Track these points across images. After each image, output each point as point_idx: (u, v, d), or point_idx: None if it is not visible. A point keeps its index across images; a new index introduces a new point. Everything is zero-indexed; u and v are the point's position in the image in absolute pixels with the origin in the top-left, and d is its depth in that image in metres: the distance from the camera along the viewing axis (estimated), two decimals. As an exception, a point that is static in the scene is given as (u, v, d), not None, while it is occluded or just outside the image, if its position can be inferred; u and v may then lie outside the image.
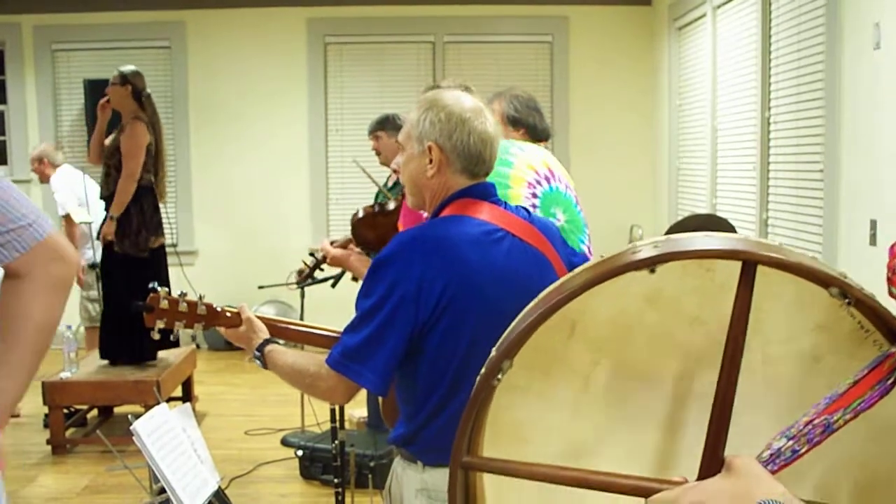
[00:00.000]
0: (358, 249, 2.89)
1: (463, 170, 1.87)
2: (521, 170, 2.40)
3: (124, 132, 5.04)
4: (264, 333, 2.02)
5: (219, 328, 2.09)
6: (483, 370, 0.94)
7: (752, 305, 0.86)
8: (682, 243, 0.90)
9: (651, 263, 0.88)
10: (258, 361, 1.98)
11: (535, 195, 2.40)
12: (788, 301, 0.90)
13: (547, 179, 2.46)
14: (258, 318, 2.07)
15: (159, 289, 2.07)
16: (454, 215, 1.85)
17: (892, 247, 0.90)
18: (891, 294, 0.89)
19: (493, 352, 0.95)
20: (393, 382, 1.83)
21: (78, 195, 5.75)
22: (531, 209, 2.34)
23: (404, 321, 1.74)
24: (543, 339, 0.93)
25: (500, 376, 0.93)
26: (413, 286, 1.73)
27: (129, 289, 5.02)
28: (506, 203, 1.94)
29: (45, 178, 5.99)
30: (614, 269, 0.89)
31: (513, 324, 0.96)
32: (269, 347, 1.97)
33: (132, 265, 5.08)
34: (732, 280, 0.87)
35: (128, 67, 5.18)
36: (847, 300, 0.86)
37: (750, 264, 0.86)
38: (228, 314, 2.08)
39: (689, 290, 0.91)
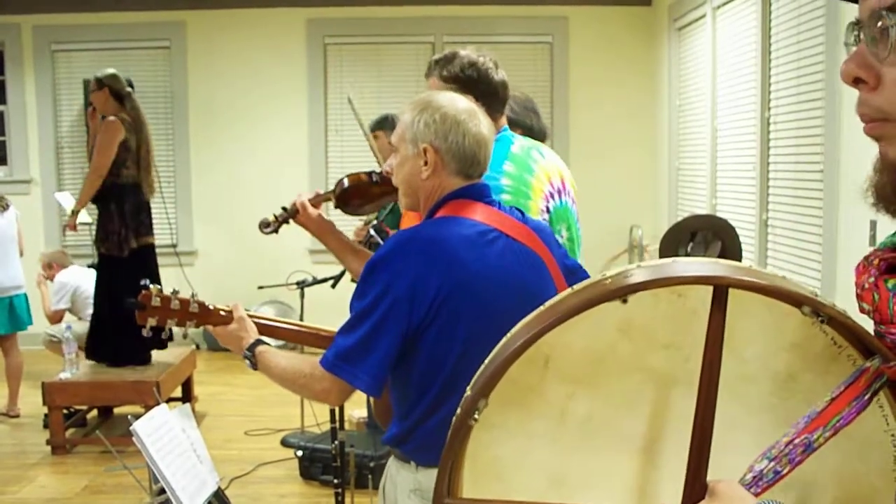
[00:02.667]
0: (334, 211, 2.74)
1: (458, 171, 1.87)
2: (540, 180, 2.35)
3: (99, 130, 5.03)
4: (255, 334, 2.02)
5: (209, 327, 2.08)
6: (459, 410, 0.95)
7: (725, 328, 0.88)
8: (655, 271, 0.91)
9: (623, 293, 0.89)
10: (248, 362, 1.98)
11: (548, 209, 2.35)
12: (761, 322, 0.91)
13: (559, 193, 2.40)
14: (251, 317, 2.06)
15: (151, 286, 2.06)
16: (448, 216, 1.85)
17: (858, 266, 0.91)
18: (861, 310, 0.90)
19: (468, 391, 0.95)
20: (387, 383, 1.83)
21: (77, 291, 5.80)
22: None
23: (398, 322, 1.73)
24: (518, 374, 0.94)
25: (476, 416, 0.93)
26: (407, 287, 1.73)
27: (110, 289, 5.00)
28: (500, 203, 1.93)
29: (52, 279, 6.01)
30: (587, 302, 0.90)
31: (485, 362, 0.97)
32: (260, 348, 1.97)
33: (114, 265, 5.05)
34: (703, 304, 0.88)
35: (105, 71, 5.18)
36: (820, 318, 0.87)
37: (721, 288, 0.87)
38: (221, 312, 2.07)
39: (661, 316, 0.92)
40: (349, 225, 4.06)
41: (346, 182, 2.66)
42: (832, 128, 3.86)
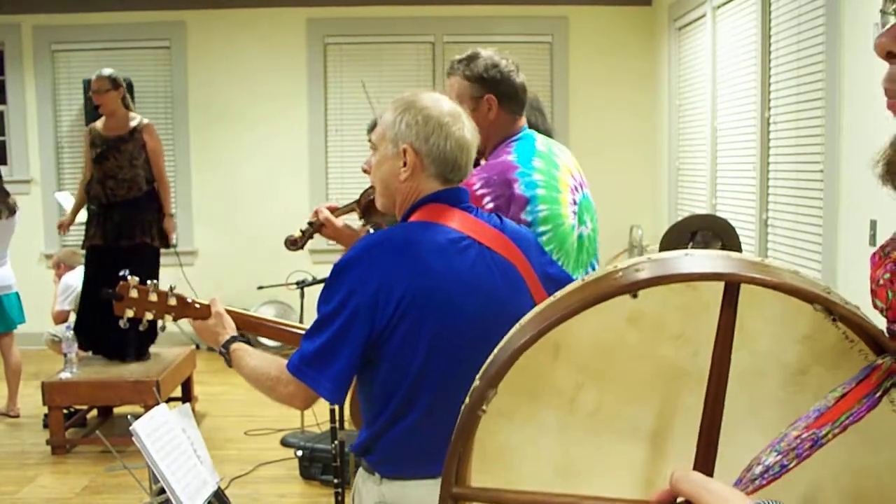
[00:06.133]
0: (360, 223, 2.78)
1: (437, 175, 1.81)
2: (564, 174, 2.38)
3: (145, 133, 5.22)
4: (232, 330, 2.01)
5: (188, 321, 2.07)
6: (468, 400, 0.94)
7: (736, 322, 0.87)
8: (666, 266, 0.90)
9: (635, 289, 0.88)
10: (223, 358, 1.97)
11: (575, 202, 2.37)
12: (773, 315, 0.90)
13: (581, 186, 2.45)
14: (229, 312, 2.05)
15: (129, 277, 2.06)
16: (421, 221, 1.80)
17: (873, 256, 0.89)
18: (875, 306, 0.89)
19: (477, 381, 0.94)
20: (351, 390, 1.80)
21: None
22: (571, 216, 2.32)
23: (361, 328, 1.70)
24: (527, 362, 0.93)
25: (485, 406, 0.92)
26: (371, 293, 1.69)
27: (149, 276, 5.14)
28: (477, 210, 1.88)
29: (59, 277, 6.07)
30: (596, 298, 0.89)
31: (495, 351, 0.96)
32: (234, 346, 1.95)
33: (159, 259, 5.29)
34: (716, 297, 0.87)
35: (111, 71, 5.27)
36: (832, 317, 0.86)
37: (732, 285, 0.86)
38: (198, 306, 2.06)
39: (673, 308, 0.91)
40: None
41: (371, 193, 2.68)
42: (832, 128, 3.86)
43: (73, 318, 5.84)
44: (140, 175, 5.19)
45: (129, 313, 2.05)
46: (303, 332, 2.02)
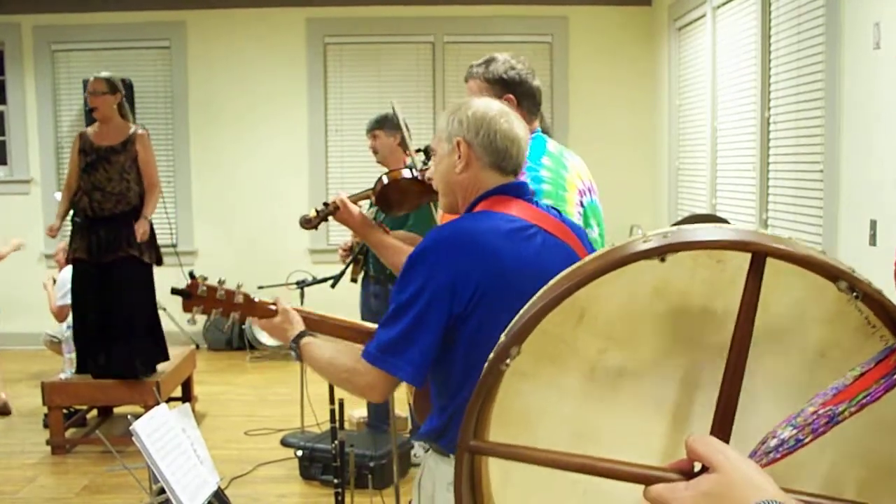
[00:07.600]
0: (372, 209, 2.74)
1: (491, 165, 1.91)
2: (573, 176, 2.46)
3: (138, 143, 4.97)
4: (300, 326, 2.05)
5: (253, 318, 2.10)
6: (491, 355, 0.95)
7: (760, 298, 0.86)
8: (693, 234, 0.90)
9: (661, 252, 0.88)
10: (293, 353, 2.01)
11: (581, 204, 2.46)
12: (796, 294, 0.90)
13: (590, 191, 2.54)
14: (295, 310, 2.09)
15: (197, 276, 2.08)
16: (486, 211, 1.89)
17: None
18: None
19: (502, 337, 0.95)
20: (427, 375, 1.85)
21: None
22: (577, 216, 2.38)
23: (439, 314, 1.76)
24: (552, 326, 0.94)
25: (508, 361, 0.93)
26: (447, 280, 1.76)
27: (151, 297, 5.05)
28: (537, 202, 1.97)
29: (62, 267, 5.93)
30: (625, 258, 0.89)
31: (522, 310, 0.97)
32: (305, 340, 2.00)
33: (152, 278, 5.07)
34: (741, 272, 0.88)
35: (108, 74, 5.09)
36: (855, 294, 0.86)
37: (759, 256, 0.86)
38: (266, 306, 2.10)
39: (699, 281, 0.92)
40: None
41: (385, 179, 2.69)
42: (832, 128, 3.86)
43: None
44: (131, 189, 4.93)
45: (197, 311, 2.07)
46: (367, 329, 2.06)
